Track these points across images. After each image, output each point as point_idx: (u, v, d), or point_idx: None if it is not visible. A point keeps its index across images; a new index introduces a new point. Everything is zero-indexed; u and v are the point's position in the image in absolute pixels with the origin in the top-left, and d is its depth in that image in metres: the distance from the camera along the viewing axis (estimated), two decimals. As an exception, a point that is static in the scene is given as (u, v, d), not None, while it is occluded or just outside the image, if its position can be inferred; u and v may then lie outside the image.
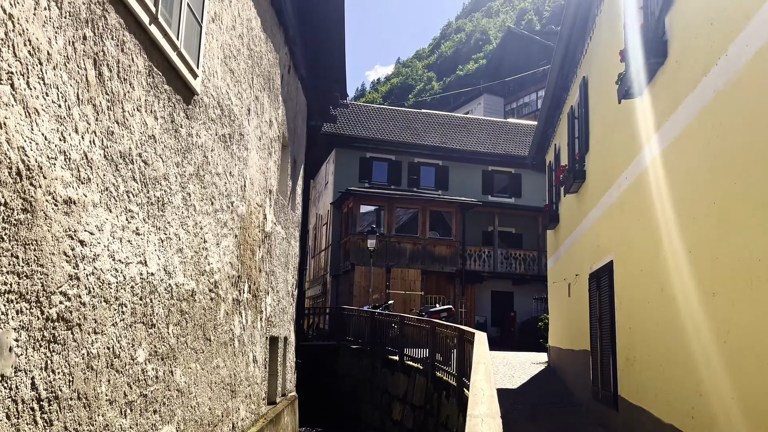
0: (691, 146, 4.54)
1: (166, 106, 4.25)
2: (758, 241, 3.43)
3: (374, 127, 26.03)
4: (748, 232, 3.58)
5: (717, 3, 4.11)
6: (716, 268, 4.07)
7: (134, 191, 3.75)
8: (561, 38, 9.67)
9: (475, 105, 51.70)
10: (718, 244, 4.04)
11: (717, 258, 4.05)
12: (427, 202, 23.13)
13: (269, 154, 7.91)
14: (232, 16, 5.92)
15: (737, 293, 3.72)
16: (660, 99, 5.26)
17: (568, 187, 9.73)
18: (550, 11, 76.10)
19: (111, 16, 3.39)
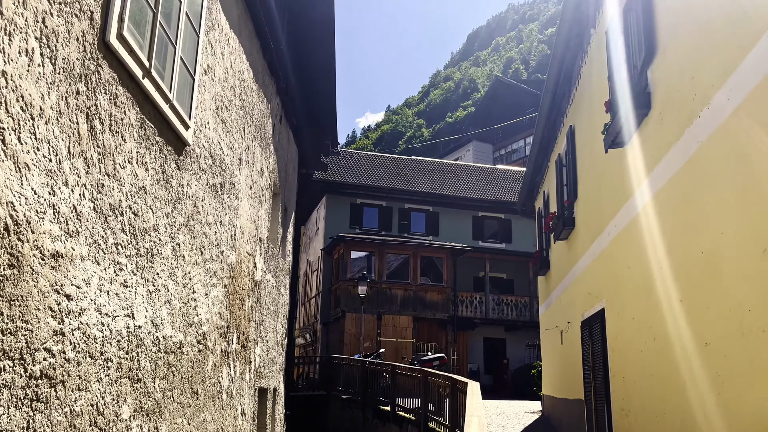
0: (678, 196, 4.59)
1: (157, 158, 4.27)
2: (748, 291, 3.44)
3: (365, 174, 26.23)
4: (737, 282, 3.60)
5: (697, 58, 4.23)
6: (707, 318, 4.06)
7: (123, 243, 3.72)
8: (547, 89, 9.89)
9: (465, 151, 52.35)
10: (708, 294, 4.05)
11: (708, 308, 4.05)
12: (418, 248, 23.13)
13: (260, 203, 7.92)
14: (224, 68, 6.02)
15: (729, 344, 3.71)
16: (646, 149, 5.36)
17: (558, 233, 9.78)
18: (536, 61, 78.08)
19: (105, 71, 3.43)
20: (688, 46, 4.44)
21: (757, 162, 3.34)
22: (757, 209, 3.32)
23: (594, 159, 7.63)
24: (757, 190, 3.34)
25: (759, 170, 3.33)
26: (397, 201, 25.42)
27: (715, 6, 3.97)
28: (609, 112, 6.12)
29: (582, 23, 8.14)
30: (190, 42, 4.96)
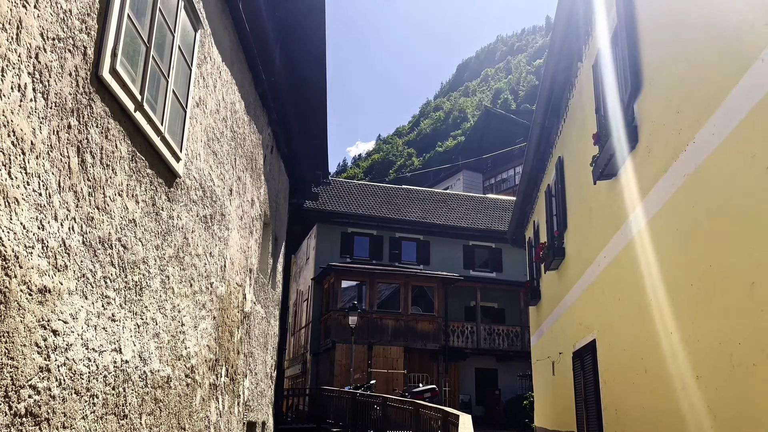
0: (666, 228, 4.63)
1: (147, 190, 4.27)
2: (737, 324, 3.45)
3: (355, 203, 26.28)
4: (726, 315, 3.61)
5: (682, 93, 4.31)
6: (698, 351, 4.07)
7: (112, 276, 3.69)
8: (536, 120, 10.02)
9: (455, 181, 52.65)
10: (698, 327, 4.06)
11: (698, 341, 4.05)
12: (409, 277, 23.07)
13: (250, 233, 7.90)
14: (216, 100, 6.06)
15: (720, 377, 3.71)
16: (634, 182, 5.42)
17: (548, 264, 9.81)
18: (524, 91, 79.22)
19: (97, 105, 3.45)
20: (673, 80, 4.53)
21: (743, 197, 3.38)
22: (744, 243, 3.35)
23: (583, 190, 7.69)
24: (744, 225, 3.38)
25: (745, 205, 3.37)
26: (388, 230, 25.43)
27: (698, 43, 4.06)
28: (597, 144, 6.20)
29: (569, 57, 8.29)
30: (182, 75, 5.00)
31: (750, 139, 3.30)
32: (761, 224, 3.16)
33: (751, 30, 3.28)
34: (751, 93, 3.24)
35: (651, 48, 5.08)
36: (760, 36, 3.17)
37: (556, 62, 8.45)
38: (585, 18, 7.55)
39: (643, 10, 5.27)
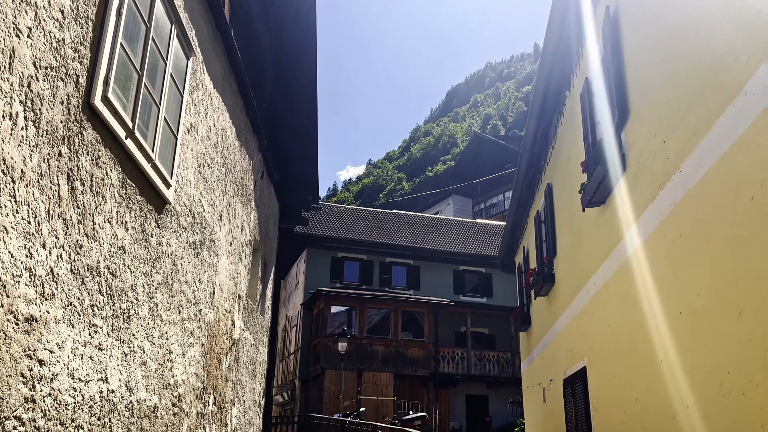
0: (654, 256, 4.67)
1: (137, 217, 4.25)
2: (726, 353, 3.46)
3: (346, 228, 26.27)
4: (716, 344, 3.62)
5: (667, 123, 4.39)
6: (688, 380, 4.07)
7: (99, 304, 3.66)
8: (525, 147, 10.12)
9: (445, 205, 52.84)
10: (687, 355, 4.07)
11: (688, 369, 4.06)
12: (399, 302, 22.97)
13: (240, 259, 7.87)
14: (207, 126, 6.08)
15: (710, 406, 3.71)
16: (622, 210, 5.47)
17: (538, 290, 9.82)
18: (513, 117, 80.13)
19: (88, 133, 3.45)
20: (659, 110, 4.60)
21: (729, 226, 3.43)
22: (732, 272, 3.39)
23: (572, 217, 7.75)
24: (731, 254, 3.41)
25: (731, 234, 3.41)
26: (378, 255, 25.40)
27: (682, 74, 4.14)
28: (585, 172, 6.27)
29: (557, 85, 8.42)
30: (174, 102, 5.02)
31: (735, 170, 3.35)
32: (748, 254, 3.20)
33: (735, 63, 3.36)
34: (736, 125, 3.30)
35: (637, 78, 5.17)
36: (744, 69, 3.24)
37: (545, 90, 8.57)
38: (572, 48, 7.68)
39: (629, 42, 5.37)
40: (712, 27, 3.69)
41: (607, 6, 5.94)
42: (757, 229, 3.09)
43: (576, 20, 7.28)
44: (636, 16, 5.20)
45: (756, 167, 3.11)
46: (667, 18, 4.44)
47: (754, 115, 3.09)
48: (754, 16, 3.17)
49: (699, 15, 3.88)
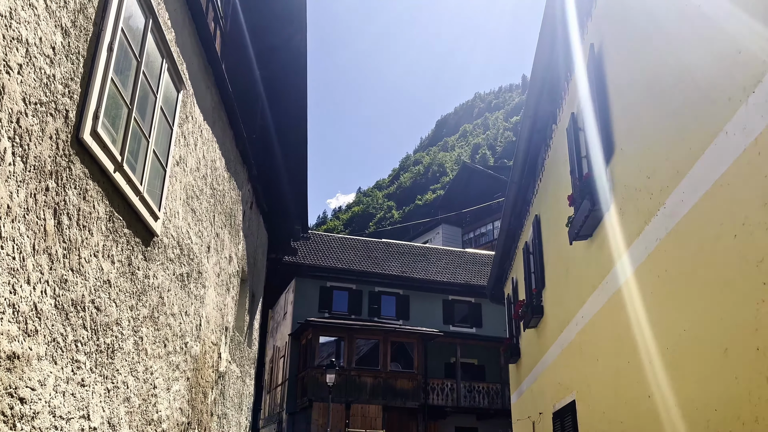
0: (641, 291, 4.69)
1: (124, 250, 4.23)
2: (712, 390, 3.47)
3: (335, 257, 26.19)
4: (701, 380, 3.63)
5: (652, 159, 4.46)
6: (675, 417, 4.06)
7: (83, 340, 3.61)
8: (513, 180, 10.21)
9: (434, 234, 52.91)
10: (674, 392, 4.07)
11: (675, 406, 4.05)
12: (389, 333, 22.80)
13: (227, 290, 7.82)
14: (196, 158, 6.10)
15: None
16: (608, 244, 5.51)
17: (527, 322, 9.80)
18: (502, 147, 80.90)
19: (76, 167, 3.45)
20: (643, 147, 4.68)
21: (713, 264, 3.46)
22: (716, 310, 3.41)
23: (560, 249, 7.79)
24: (715, 291, 3.44)
25: (715, 272, 3.44)
26: (368, 284, 25.29)
27: (665, 113, 4.23)
28: (572, 205, 6.33)
29: (544, 119, 8.54)
30: (164, 134, 5.04)
31: (717, 209, 3.40)
32: (731, 292, 3.23)
33: (716, 103, 3.44)
34: (717, 164, 3.36)
35: (621, 114, 5.27)
36: (724, 109, 3.32)
37: (531, 124, 8.69)
38: (558, 83, 7.82)
39: (613, 79, 5.48)
40: (693, 67, 3.79)
41: (592, 44, 6.08)
42: (740, 267, 3.13)
43: (561, 57, 7.43)
44: (619, 54, 5.32)
45: (737, 206, 3.16)
46: (650, 57, 4.55)
47: (734, 156, 3.15)
48: (734, 58, 3.25)
49: (681, 55, 3.98)
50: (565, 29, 6.95)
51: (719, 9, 3.43)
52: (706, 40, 3.60)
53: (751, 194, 3.03)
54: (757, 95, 2.98)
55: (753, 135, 2.99)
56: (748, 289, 3.04)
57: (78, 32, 3.40)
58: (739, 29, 3.20)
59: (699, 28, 3.69)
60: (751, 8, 3.06)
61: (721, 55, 3.40)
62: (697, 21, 3.70)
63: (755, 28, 3.04)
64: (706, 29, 3.58)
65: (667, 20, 4.22)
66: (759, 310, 2.93)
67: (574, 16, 6.58)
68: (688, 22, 3.84)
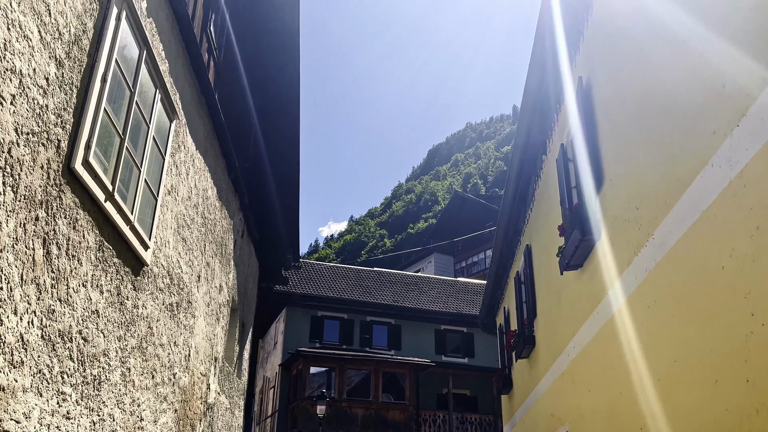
0: (632, 322, 4.70)
1: (113, 280, 4.20)
2: (704, 422, 3.45)
3: (326, 286, 26.05)
4: (692, 412, 3.61)
5: (640, 190, 4.50)
6: (668, 448, 4.03)
7: (69, 371, 3.56)
8: (504, 209, 10.26)
9: (426, 263, 52.83)
10: (666, 423, 4.04)
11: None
12: (380, 363, 22.57)
13: (217, 320, 7.75)
14: (188, 187, 6.10)
15: (691, 476, 3.66)
16: (599, 274, 5.53)
17: (519, 352, 9.75)
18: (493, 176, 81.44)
19: (66, 196, 3.45)
20: (632, 178, 4.73)
21: (702, 295, 3.48)
22: (707, 340, 3.42)
23: (551, 279, 7.80)
24: (704, 323, 3.45)
25: (704, 303, 3.46)
26: (359, 313, 25.12)
27: (651, 143, 4.29)
28: (562, 235, 6.36)
29: (534, 150, 8.63)
30: (156, 163, 5.06)
31: (705, 240, 3.44)
32: (721, 323, 3.24)
33: (702, 136, 3.49)
34: (703, 196, 3.40)
35: (610, 145, 5.33)
36: (710, 142, 3.37)
37: (522, 154, 8.78)
38: (548, 114, 7.93)
39: (601, 111, 5.57)
40: (679, 100, 3.86)
41: (580, 77, 6.19)
42: (728, 298, 3.15)
43: (551, 89, 7.54)
44: (607, 87, 5.41)
45: (725, 238, 3.19)
46: (637, 89, 4.63)
47: (720, 188, 3.20)
48: (719, 92, 3.32)
49: (667, 88, 4.05)
50: (555, 62, 7.08)
51: (704, 43, 3.51)
52: (692, 74, 3.67)
53: (737, 226, 3.06)
54: (741, 128, 3.04)
55: (738, 167, 3.03)
56: (736, 321, 3.05)
57: (72, 63, 3.44)
58: (724, 63, 3.28)
59: (684, 62, 3.77)
60: (735, 43, 3.14)
61: (707, 88, 3.47)
62: (683, 55, 3.78)
63: (739, 62, 3.11)
64: (692, 63, 3.66)
65: (653, 54, 4.31)
66: (748, 341, 2.94)
67: (563, 50, 6.70)
68: (674, 56, 3.92)
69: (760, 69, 2.87)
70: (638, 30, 4.61)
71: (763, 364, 2.82)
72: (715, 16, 3.39)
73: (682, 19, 3.81)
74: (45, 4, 3.10)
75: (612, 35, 5.30)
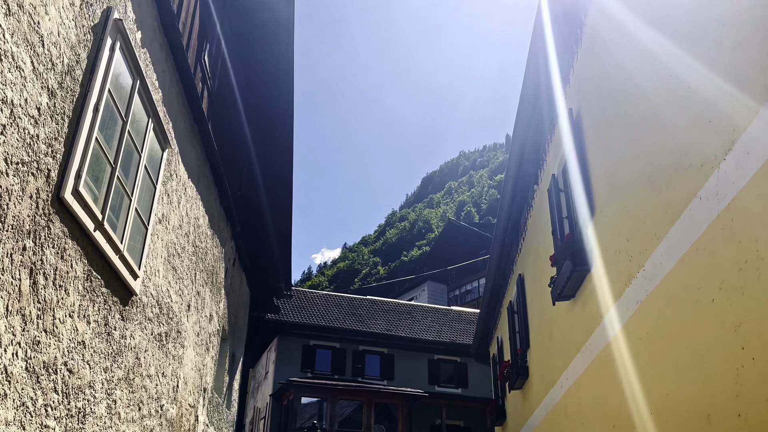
0: (623, 354, 4.67)
1: (101, 310, 4.16)
2: (698, 457, 3.41)
3: (319, 314, 25.85)
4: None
5: (630, 222, 4.52)
6: (662, 484, 3.97)
7: (54, 404, 3.50)
8: (496, 239, 10.27)
9: (420, 291, 52.62)
10: (660, 457, 3.99)
11: (661, 472, 3.97)
12: (372, 394, 22.29)
13: (207, 350, 7.65)
14: (179, 216, 6.08)
15: None
16: (590, 305, 5.51)
17: (513, 383, 9.66)
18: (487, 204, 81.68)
19: (55, 226, 3.43)
20: (622, 209, 4.76)
21: (693, 328, 3.47)
22: (698, 374, 3.39)
23: (543, 309, 7.77)
24: (696, 356, 3.43)
25: (695, 336, 3.45)
26: (352, 342, 24.88)
27: (641, 175, 4.32)
28: (554, 266, 6.35)
29: (526, 180, 8.68)
30: (147, 192, 5.05)
31: (694, 273, 3.44)
32: (712, 356, 3.22)
33: (690, 169, 3.52)
34: (692, 229, 3.42)
35: (600, 177, 5.37)
36: (698, 175, 3.40)
37: (514, 184, 8.82)
38: (539, 145, 7.99)
39: (591, 143, 5.62)
40: (668, 133, 3.90)
41: (570, 108, 6.26)
42: (718, 332, 3.14)
43: (541, 121, 7.62)
44: (597, 119, 5.47)
45: (714, 271, 3.19)
46: (626, 122, 4.68)
47: (709, 220, 3.21)
48: (706, 126, 3.36)
49: (656, 121, 4.10)
50: (546, 93, 7.16)
51: (692, 78, 3.57)
52: (680, 108, 3.72)
53: (726, 259, 3.07)
54: (728, 162, 3.07)
55: (725, 201, 3.05)
56: (727, 354, 3.04)
57: (64, 93, 3.45)
58: (711, 98, 3.32)
59: (673, 96, 3.82)
60: (722, 78, 3.19)
61: (694, 122, 3.51)
62: (671, 89, 3.84)
63: (725, 97, 3.15)
64: (680, 97, 3.71)
65: (642, 87, 4.37)
66: (739, 375, 2.93)
67: (557, 82, 6.79)
68: (663, 90, 3.98)
69: (746, 104, 2.92)
70: (627, 62, 4.68)
71: (755, 399, 2.80)
72: (702, 51, 3.44)
73: (670, 51, 3.87)
74: (38, 35, 3.12)
75: (601, 67, 5.38)
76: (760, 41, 2.82)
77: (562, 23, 6.33)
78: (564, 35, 6.40)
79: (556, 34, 6.47)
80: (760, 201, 2.77)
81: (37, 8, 3.09)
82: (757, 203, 2.80)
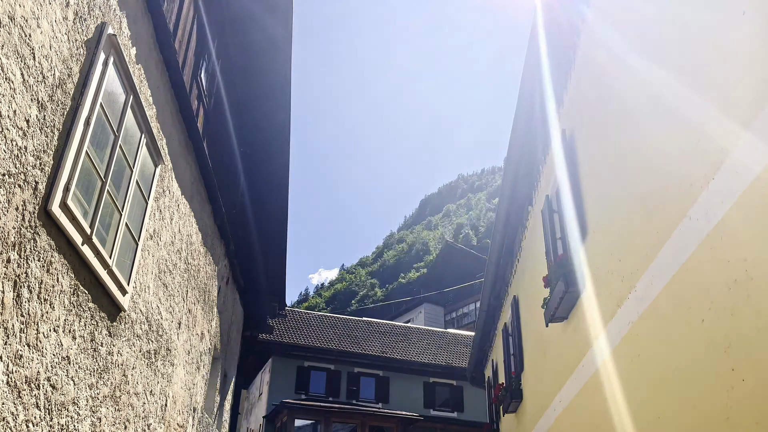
0: (615, 376, 4.62)
1: (87, 325, 4.11)
2: (689, 481, 3.36)
3: (314, 335, 25.66)
4: (678, 470, 3.52)
5: (622, 242, 4.51)
6: None
7: (35, 420, 3.44)
8: (491, 260, 10.24)
9: (416, 313, 52.35)
10: (652, 482, 3.93)
11: (653, 497, 3.90)
12: (367, 417, 22.04)
13: (197, 369, 7.57)
14: (171, 232, 6.06)
15: None
16: (583, 326, 5.47)
17: (507, 406, 9.56)
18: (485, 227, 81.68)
19: (41, 239, 3.40)
20: (614, 230, 4.75)
21: (683, 348, 3.44)
22: (689, 396, 3.35)
23: (538, 331, 7.72)
24: (686, 377, 3.40)
25: (685, 356, 3.41)
26: (347, 364, 24.66)
27: (632, 196, 4.32)
28: (548, 287, 6.32)
29: (520, 201, 8.68)
30: (138, 207, 5.03)
31: (685, 293, 3.42)
32: (702, 377, 3.19)
33: (679, 189, 3.52)
34: (682, 249, 3.40)
35: (593, 197, 5.37)
36: (688, 195, 3.40)
37: (508, 205, 8.83)
38: (533, 166, 8.01)
39: (584, 164, 5.63)
40: (658, 154, 3.91)
41: (564, 129, 6.28)
42: (708, 352, 3.11)
43: (535, 142, 7.65)
44: (590, 140, 5.49)
45: (704, 291, 3.17)
46: (617, 143, 4.70)
47: (698, 240, 3.20)
48: (694, 146, 3.36)
49: (646, 141, 4.11)
50: (540, 115, 7.20)
51: (680, 99, 3.58)
52: (669, 129, 3.73)
53: (716, 279, 3.05)
54: (716, 182, 3.07)
55: (714, 221, 3.05)
56: (717, 376, 3.00)
57: (55, 106, 3.45)
58: (698, 119, 3.33)
59: (662, 117, 3.83)
60: (709, 99, 3.20)
61: (683, 142, 3.52)
62: (660, 110, 3.85)
63: (713, 118, 3.16)
64: (669, 118, 3.73)
65: (632, 108, 4.39)
66: (729, 397, 2.89)
67: (551, 104, 6.83)
68: (652, 111, 4.00)
69: (733, 124, 2.92)
70: (618, 85, 4.71)
71: (745, 421, 2.76)
72: (690, 73, 3.46)
73: (659, 74, 3.90)
74: (29, 47, 3.13)
75: (594, 89, 5.41)
76: (745, 65, 2.84)
77: (557, 45, 6.39)
78: (558, 57, 6.46)
79: (551, 55, 6.53)
80: (749, 220, 2.76)
81: (29, 21, 3.11)
82: (745, 222, 2.79)
